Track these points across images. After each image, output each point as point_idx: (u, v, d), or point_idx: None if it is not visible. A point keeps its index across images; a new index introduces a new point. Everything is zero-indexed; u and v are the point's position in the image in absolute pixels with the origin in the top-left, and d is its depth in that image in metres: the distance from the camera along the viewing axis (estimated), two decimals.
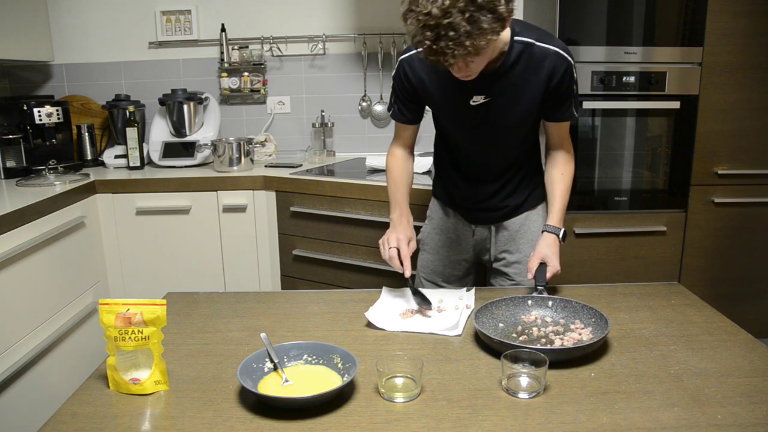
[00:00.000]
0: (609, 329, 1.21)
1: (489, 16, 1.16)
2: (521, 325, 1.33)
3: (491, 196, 1.66)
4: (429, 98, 1.55)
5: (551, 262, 1.49)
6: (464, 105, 1.48)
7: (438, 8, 1.14)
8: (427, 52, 1.20)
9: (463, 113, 1.50)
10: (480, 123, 1.51)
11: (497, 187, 1.66)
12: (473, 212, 1.70)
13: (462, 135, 1.60)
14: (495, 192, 1.66)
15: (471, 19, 1.15)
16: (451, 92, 1.48)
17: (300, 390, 1.07)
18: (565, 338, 1.25)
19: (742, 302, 2.61)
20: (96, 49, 3.12)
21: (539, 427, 0.97)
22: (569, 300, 1.36)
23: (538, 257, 1.49)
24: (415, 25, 1.18)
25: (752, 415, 0.99)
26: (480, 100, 1.46)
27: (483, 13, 1.15)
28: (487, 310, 1.33)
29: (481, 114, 1.49)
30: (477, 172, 1.65)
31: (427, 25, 1.16)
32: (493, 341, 1.19)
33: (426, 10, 1.15)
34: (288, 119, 3.17)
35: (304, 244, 2.58)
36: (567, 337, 1.25)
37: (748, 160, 2.50)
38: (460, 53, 1.18)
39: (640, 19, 2.37)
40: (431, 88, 1.51)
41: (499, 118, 1.50)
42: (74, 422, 1.01)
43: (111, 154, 2.88)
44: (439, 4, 1.14)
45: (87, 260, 2.52)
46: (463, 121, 1.54)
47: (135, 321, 1.07)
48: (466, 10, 1.14)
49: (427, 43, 1.18)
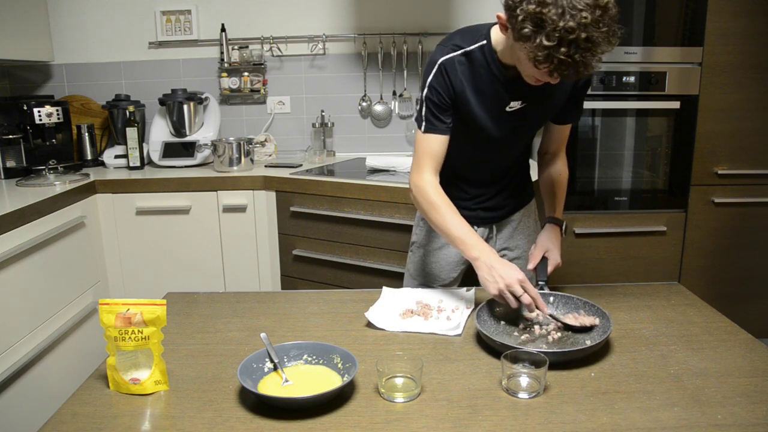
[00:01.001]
0: (611, 328, 1.21)
1: (617, 24, 1.16)
2: (523, 323, 1.33)
3: (493, 197, 1.67)
4: (465, 105, 1.46)
5: (552, 255, 1.50)
6: (500, 111, 1.45)
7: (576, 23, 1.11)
8: (561, 67, 1.16)
9: (498, 119, 1.47)
10: (512, 128, 1.50)
11: (499, 188, 1.66)
12: (475, 212, 1.70)
13: (486, 141, 1.54)
14: (497, 193, 1.66)
15: (606, 29, 1.15)
16: (490, 99, 1.44)
17: (300, 390, 1.07)
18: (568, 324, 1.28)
19: (742, 302, 2.61)
20: (96, 49, 3.12)
21: (539, 427, 0.97)
22: (570, 296, 1.36)
23: (542, 248, 1.51)
24: (548, 42, 1.14)
25: (752, 415, 0.99)
26: (516, 106, 1.45)
27: (614, 22, 1.15)
28: (488, 307, 1.33)
29: (515, 120, 1.48)
30: (484, 176, 1.65)
31: (565, 40, 1.13)
32: (495, 342, 1.19)
33: (561, 25, 1.12)
34: (288, 119, 3.17)
35: (304, 244, 2.58)
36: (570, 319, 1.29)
37: (748, 160, 2.50)
38: (595, 63, 1.18)
39: (640, 19, 2.37)
40: (469, 94, 1.44)
41: (529, 123, 1.52)
42: (74, 422, 1.01)
43: (111, 154, 2.88)
44: (578, 18, 1.11)
45: (87, 260, 2.52)
46: (496, 127, 1.49)
47: (135, 321, 1.07)
48: (601, 20, 1.14)
49: (564, 57, 1.14)
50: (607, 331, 1.20)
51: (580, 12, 1.11)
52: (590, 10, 1.12)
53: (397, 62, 3.03)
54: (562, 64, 1.16)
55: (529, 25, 1.15)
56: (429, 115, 1.45)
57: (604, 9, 1.14)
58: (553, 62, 1.16)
